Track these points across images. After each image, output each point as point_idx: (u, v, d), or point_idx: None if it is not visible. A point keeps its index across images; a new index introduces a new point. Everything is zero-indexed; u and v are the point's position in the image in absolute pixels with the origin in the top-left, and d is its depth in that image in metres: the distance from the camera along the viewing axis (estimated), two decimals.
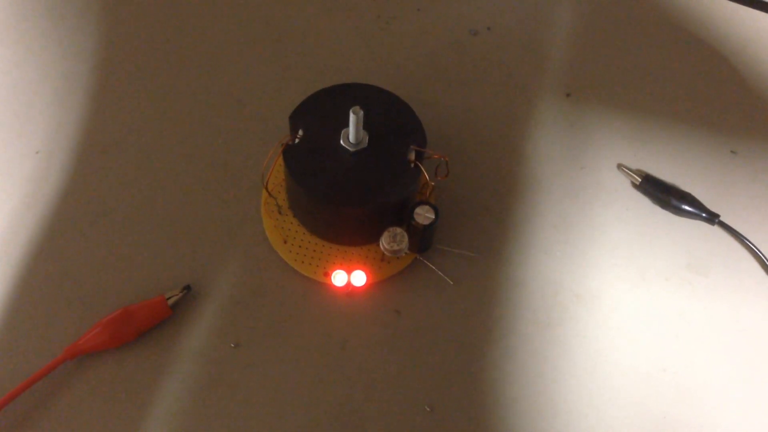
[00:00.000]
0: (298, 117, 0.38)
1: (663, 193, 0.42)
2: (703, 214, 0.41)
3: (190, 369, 0.36)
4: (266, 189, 0.38)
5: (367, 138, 0.37)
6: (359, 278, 0.38)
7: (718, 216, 0.41)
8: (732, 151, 0.44)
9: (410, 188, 0.37)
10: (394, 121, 0.38)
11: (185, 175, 0.42)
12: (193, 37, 0.47)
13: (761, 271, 0.40)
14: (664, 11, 0.50)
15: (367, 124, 0.36)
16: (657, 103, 0.46)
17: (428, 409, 0.36)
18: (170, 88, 0.45)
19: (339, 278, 0.38)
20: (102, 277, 0.38)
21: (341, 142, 0.37)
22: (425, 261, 0.39)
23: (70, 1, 0.48)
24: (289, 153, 0.37)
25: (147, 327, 0.37)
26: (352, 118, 0.35)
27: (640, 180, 0.42)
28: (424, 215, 0.37)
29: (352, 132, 0.36)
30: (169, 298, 0.37)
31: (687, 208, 0.41)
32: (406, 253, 0.38)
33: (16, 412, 0.35)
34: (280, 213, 0.40)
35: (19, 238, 0.39)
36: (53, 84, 0.45)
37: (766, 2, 0.49)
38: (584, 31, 0.49)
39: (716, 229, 0.41)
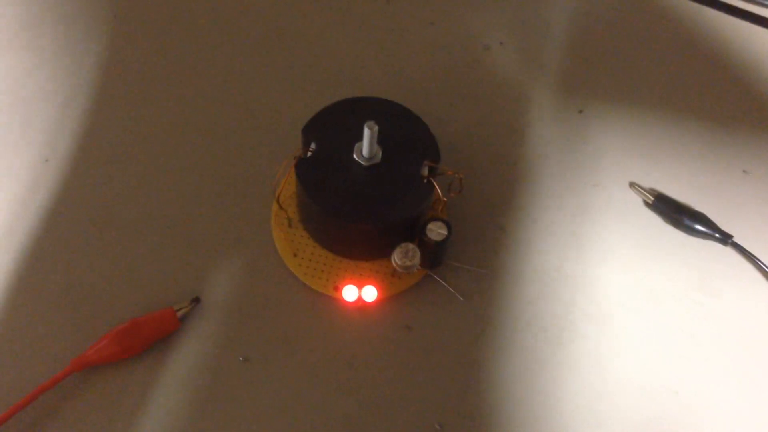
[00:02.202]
0: (310, 130, 0.37)
1: (676, 213, 0.41)
2: (716, 235, 0.41)
3: (197, 382, 0.36)
4: (277, 202, 0.38)
5: (381, 153, 0.36)
6: (370, 293, 0.38)
7: (731, 237, 0.41)
8: (744, 171, 0.44)
9: (423, 204, 0.36)
10: (407, 135, 0.38)
11: (196, 185, 0.42)
12: (205, 48, 0.47)
13: None
14: (679, 30, 0.50)
15: (381, 139, 0.36)
16: (670, 121, 0.46)
17: (438, 427, 0.36)
18: (181, 99, 0.45)
19: (349, 293, 0.38)
20: (110, 288, 0.38)
21: (354, 156, 0.36)
22: (436, 277, 0.39)
23: (81, 10, 0.48)
24: (301, 166, 0.37)
25: (155, 339, 0.36)
26: (366, 132, 0.35)
27: (652, 199, 0.42)
28: (436, 231, 0.36)
29: (366, 146, 0.36)
30: (178, 310, 0.37)
31: (700, 228, 0.41)
32: (417, 268, 0.37)
33: (22, 423, 0.34)
34: (290, 226, 0.39)
35: (26, 247, 0.39)
36: (63, 92, 0.44)
37: None
38: (597, 48, 0.49)
39: (729, 250, 0.41)
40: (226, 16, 0.49)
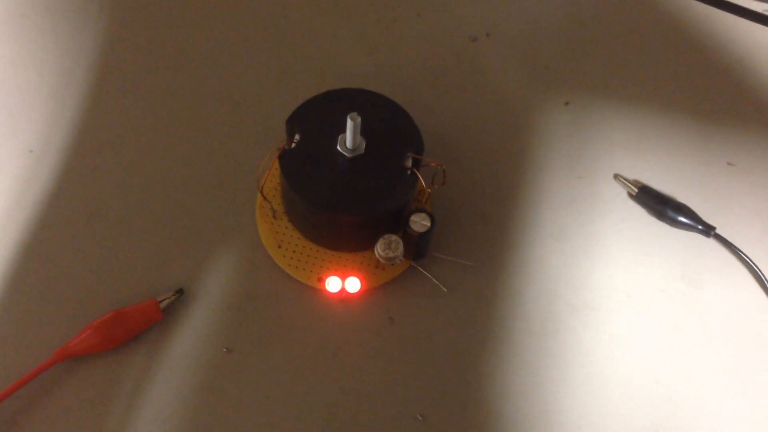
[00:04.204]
0: (294, 121, 0.37)
1: (659, 204, 0.42)
2: (699, 226, 0.41)
3: (181, 373, 0.36)
4: (261, 193, 0.38)
5: (364, 144, 0.36)
6: (353, 284, 0.38)
7: (714, 228, 0.41)
8: (729, 163, 0.44)
9: (406, 196, 0.36)
10: (391, 127, 0.38)
11: (180, 177, 0.42)
12: (190, 39, 0.47)
13: (756, 285, 0.40)
14: (665, 23, 0.50)
15: (365, 130, 0.36)
16: (655, 113, 0.46)
17: (420, 417, 0.36)
18: (167, 89, 0.45)
19: (333, 284, 0.38)
20: (94, 279, 0.38)
21: (338, 147, 0.36)
22: (420, 268, 0.39)
23: (68, 1, 0.48)
24: (285, 158, 0.36)
25: (138, 330, 0.36)
26: (349, 124, 0.35)
27: (636, 191, 0.42)
28: (419, 223, 0.36)
29: (349, 138, 0.36)
30: (161, 301, 0.37)
31: (683, 219, 0.41)
32: (401, 260, 0.37)
33: (4, 414, 0.34)
34: (274, 217, 0.39)
35: (10, 237, 0.39)
36: (49, 82, 0.44)
37: (765, 15, 0.49)
38: (584, 40, 0.49)
39: (712, 242, 0.41)
40: (212, 7, 0.48)
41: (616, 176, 0.43)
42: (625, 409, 0.37)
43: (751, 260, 0.40)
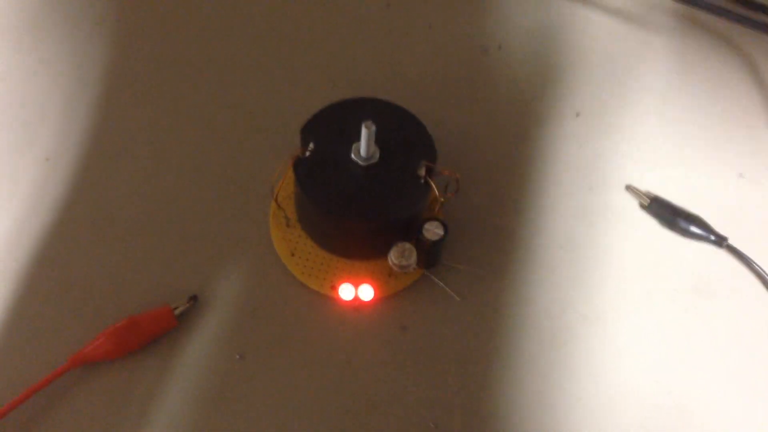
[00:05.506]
0: (309, 130, 0.38)
1: (671, 215, 0.42)
2: (711, 237, 0.41)
3: (194, 380, 0.36)
4: (275, 201, 0.38)
5: (378, 153, 0.37)
6: (366, 292, 0.38)
7: (726, 239, 0.41)
8: (740, 174, 0.44)
9: (420, 204, 0.37)
10: (405, 136, 0.38)
11: (194, 184, 0.42)
12: (205, 49, 0.47)
13: None
14: (672, 34, 0.51)
15: (379, 139, 0.36)
16: (666, 124, 0.46)
17: (433, 426, 0.36)
18: (181, 98, 0.45)
19: (346, 292, 0.38)
20: (108, 286, 0.38)
21: (352, 156, 0.37)
22: (433, 277, 0.39)
23: (84, 10, 0.48)
24: (299, 166, 0.37)
25: (152, 337, 0.36)
26: (364, 132, 0.35)
27: (648, 201, 0.42)
28: (433, 231, 0.37)
29: (364, 146, 0.36)
30: (176, 308, 0.37)
31: (695, 230, 0.41)
32: (414, 268, 0.38)
33: (19, 420, 0.34)
34: (288, 225, 0.40)
35: (26, 245, 0.39)
36: (65, 92, 0.45)
37: None
38: (595, 51, 0.49)
39: (724, 253, 0.41)
40: (227, 18, 0.49)
41: (628, 187, 0.43)
42: (636, 420, 0.37)
43: (763, 271, 0.40)
